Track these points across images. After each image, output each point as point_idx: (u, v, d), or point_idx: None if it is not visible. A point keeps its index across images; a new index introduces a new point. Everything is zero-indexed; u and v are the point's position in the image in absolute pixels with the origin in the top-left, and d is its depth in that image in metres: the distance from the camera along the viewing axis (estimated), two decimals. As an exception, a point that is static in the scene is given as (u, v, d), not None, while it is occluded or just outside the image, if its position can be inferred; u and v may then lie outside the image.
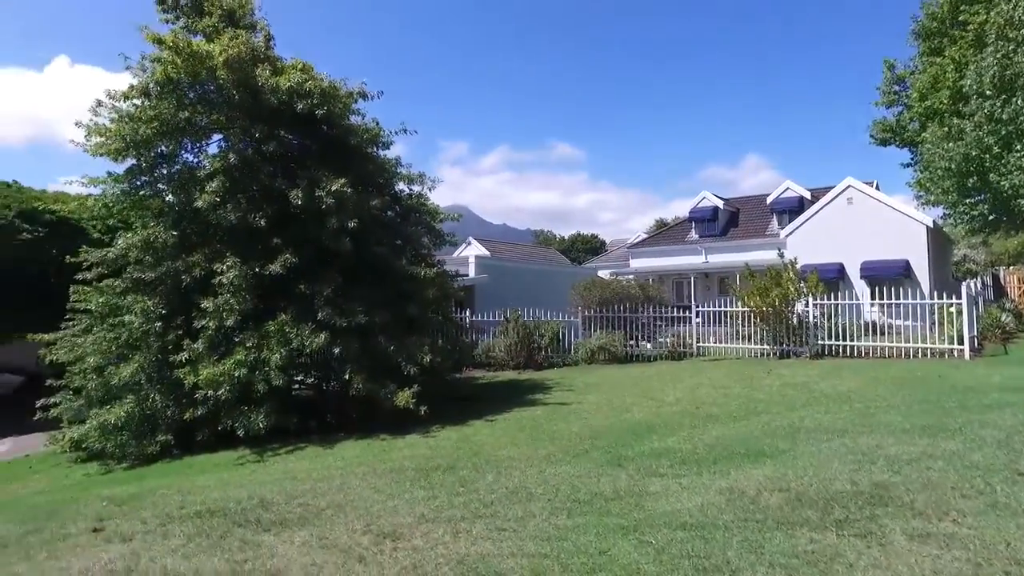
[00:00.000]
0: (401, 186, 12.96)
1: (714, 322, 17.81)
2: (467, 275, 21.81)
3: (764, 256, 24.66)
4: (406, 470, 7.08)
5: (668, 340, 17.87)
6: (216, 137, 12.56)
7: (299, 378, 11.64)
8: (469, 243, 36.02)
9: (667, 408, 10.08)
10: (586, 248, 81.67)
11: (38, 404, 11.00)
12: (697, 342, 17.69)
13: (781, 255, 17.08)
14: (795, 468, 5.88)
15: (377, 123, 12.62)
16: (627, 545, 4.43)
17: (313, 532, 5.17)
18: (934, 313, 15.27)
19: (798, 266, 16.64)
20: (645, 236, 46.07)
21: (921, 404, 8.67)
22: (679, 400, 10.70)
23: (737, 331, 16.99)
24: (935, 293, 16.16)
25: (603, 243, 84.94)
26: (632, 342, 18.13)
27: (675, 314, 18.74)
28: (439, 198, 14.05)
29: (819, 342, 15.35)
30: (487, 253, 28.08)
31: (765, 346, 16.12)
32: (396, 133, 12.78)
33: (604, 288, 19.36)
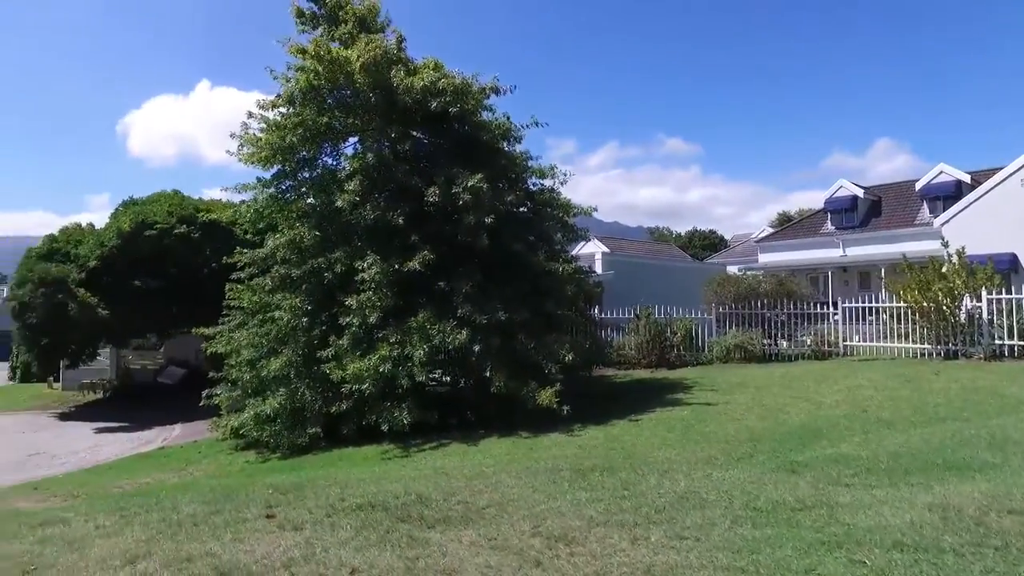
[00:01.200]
0: (532, 180, 12.82)
1: (859, 319, 16.37)
2: (594, 272, 21.43)
3: (914, 247, 22.48)
4: (561, 470, 6.83)
5: (809, 338, 16.64)
6: (352, 140, 13.00)
7: (434, 375, 11.77)
8: (587, 240, 35.47)
9: (827, 411, 9.26)
10: (704, 244, 78.69)
11: (204, 393, 11.77)
12: (842, 340, 16.34)
13: (945, 244, 15.40)
14: (1021, 486, 5.07)
15: (508, 117, 12.54)
16: (835, 564, 3.92)
17: (480, 532, 5.01)
18: None
19: (965, 256, 14.91)
20: (772, 230, 43.65)
21: None
22: (838, 402, 9.82)
23: (889, 329, 15.51)
24: None
25: (722, 239, 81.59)
26: (769, 340, 17.04)
27: (814, 311, 17.43)
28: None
29: (995, 342, 13.65)
30: (607, 250, 27.51)
31: (926, 345, 14.58)
32: (527, 127, 12.64)
33: (739, 284, 18.34)
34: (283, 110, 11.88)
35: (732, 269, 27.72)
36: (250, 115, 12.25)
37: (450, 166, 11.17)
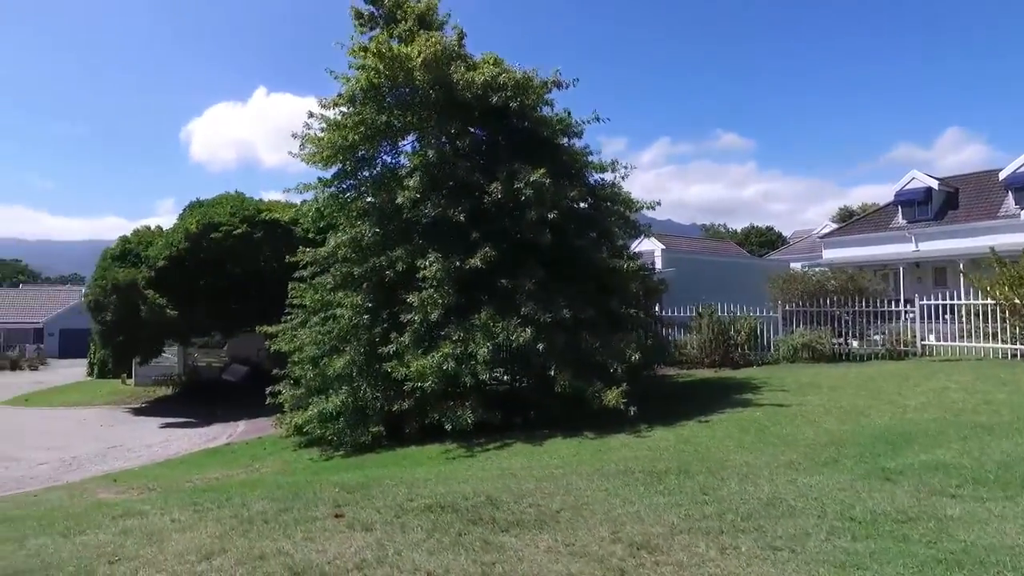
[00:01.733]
0: (594, 177, 12.53)
1: (936, 317, 15.48)
2: (654, 269, 20.94)
3: (999, 240, 21.16)
4: (633, 472, 6.57)
5: (880, 337, 15.84)
6: (409, 138, 12.98)
7: (494, 374, 11.62)
8: (648, 236, 34.74)
9: (913, 414, 8.70)
10: (761, 241, 76.53)
11: (267, 391, 11.94)
12: (919, 340, 15.48)
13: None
14: None
15: (568, 112, 12.30)
16: (957, 584, 3.56)
17: (556, 536, 4.81)
18: None
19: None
20: (835, 225, 42.05)
21: None
22: (924, 405, 9.23)
23: (974, 328, 14.59)
24: None
25: (780, 235, 79.21)
26: (840, 339, 16.30)
27: (887, 308, 16.58)
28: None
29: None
30: (663, 247, 26.89)
31: (1018, 346, 13.65)
32: (587, 122, 12.36)
33: (806, 281, 17.61)
34: (344, 109, 11.93)
35: (795, 266, 26.77)
36: (311, 115, 12.36)
37: (511, 162, 11.01)
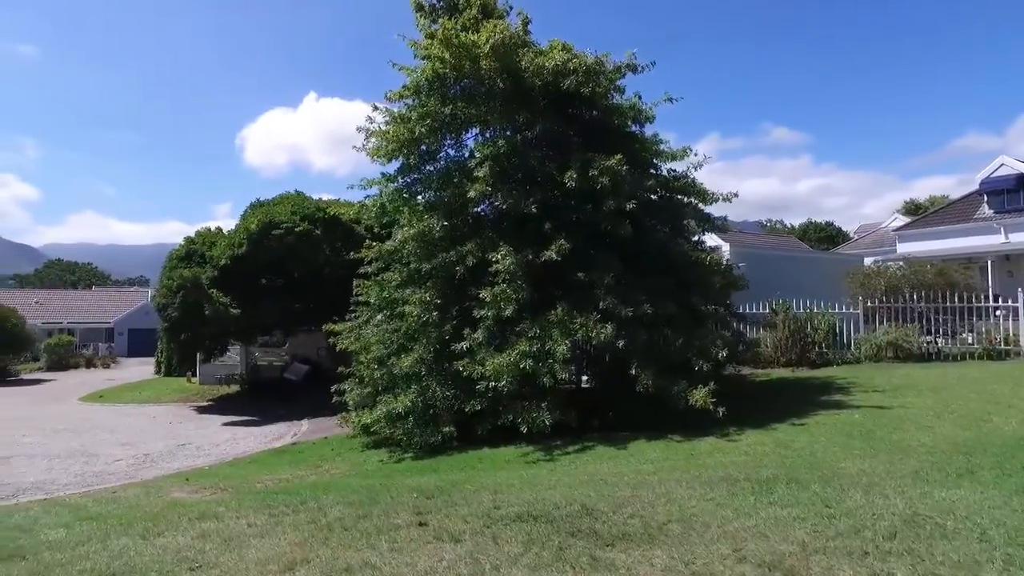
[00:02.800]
0: (667, 168, 11.92)
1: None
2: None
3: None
4: (737, 480, 6.00)
5: (971, 335, 14.72)
6: (472, 131, 12.61)
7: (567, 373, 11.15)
8: (724, 231, 33.47)
9: (1044, 419, 7.83)
10: (820, 236, 73.75)
11: (332, 389, 11.75)
12: (1023, 338, 14.32)
13: None
14: None
15: (639, 96, 11.71)
16: None
17: (670, 553, 4.31)
18: None
19: None
20: (905, 219, 40.00)
21: None
22: (1053, 409, 8.33)
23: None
24: None
25: (840, 230, 76.27)
26: (928, 337, 15.23)
27: (981, 304, 15.41)
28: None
29: None
30: (728, 242, 25.83)
31: None
32: (657, 105, 11.72)
33: (889, 276, 16.56)
34: (408, 101, 11.65)
35: (868, 261, 25.44)
36: (375, 108, 12.14)
37: (583, 150, 10.53)
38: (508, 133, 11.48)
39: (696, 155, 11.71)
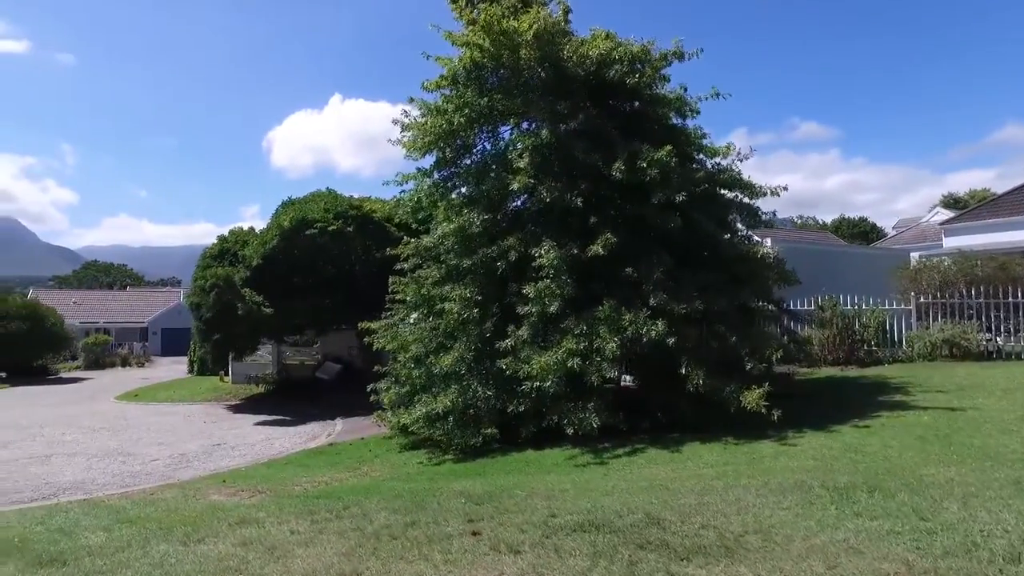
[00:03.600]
0: (712, 162, 11.40)
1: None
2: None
3: None
4: (810, 487, 5.57)
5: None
6: (508, 125, 12.26)
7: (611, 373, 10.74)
8: (771, 226, 32.65)
9: None
10: (854, 232, 72.03)
11: (369, 388, 11.49)
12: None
13: None
14: None
15: (684, 88, 11.24)
16: None
17: (756, 570, 3.92)
18: None
19: None
20: (947, 213, 38.69)
21: None
22: None
23: None
24: None
25: (874, 226, 74.46)
26: (987, 335, 14.49)
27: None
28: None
29: None
30: (768, 237, 25.15)
31: None
32: (704, 99, 11.22)
33: (943, 270, 15.83)
34: (446, 91, 11.34)
35: (914, 256, 24.54)
36: (411, 100, 11.87)
37: (627, 141, 10.12)
38: (556, 122, 11.08)
39: (739, 152, 11.18)
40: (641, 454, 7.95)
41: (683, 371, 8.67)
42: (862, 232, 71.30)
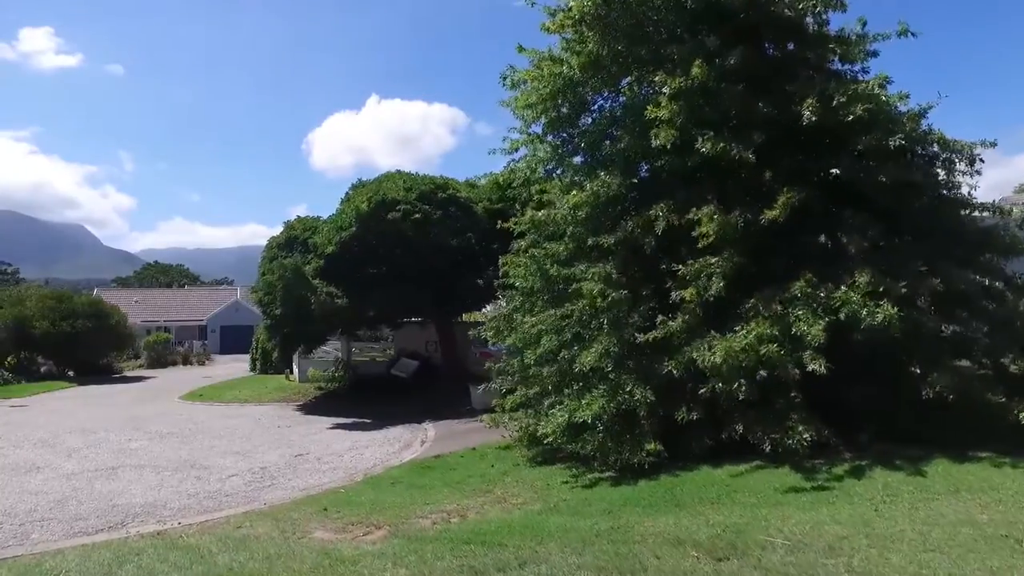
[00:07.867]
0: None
1: None
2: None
3: None
4: None
5: None
6: (629, 77, 10.24)
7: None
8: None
9: None
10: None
11: (479, 389, 9.69)
12: None
13: None
14: None
15: (863, 24, 8.90)
16: None
17: None
18: None
19: None
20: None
21: None
22: None
23: None
24: None
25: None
26: None
27: None
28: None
29: None
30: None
31: None
32: (885, 38, 8.78)
33: None
34: (568, 35, 9.44)
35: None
36: (521, 49, 10.06)
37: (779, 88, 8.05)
38: (704, 61, 8.93)
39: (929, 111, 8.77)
40: (884, 477, 5.89)
41: (917, 369, 6.52)
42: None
